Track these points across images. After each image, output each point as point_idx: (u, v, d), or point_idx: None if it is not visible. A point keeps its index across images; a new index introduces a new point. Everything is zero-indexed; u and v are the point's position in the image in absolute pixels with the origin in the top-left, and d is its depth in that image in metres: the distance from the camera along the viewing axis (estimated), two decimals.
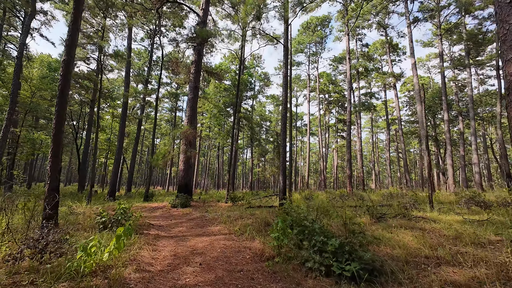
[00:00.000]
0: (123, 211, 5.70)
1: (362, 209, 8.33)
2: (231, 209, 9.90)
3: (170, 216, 8.94)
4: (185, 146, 11.84)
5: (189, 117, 12.92)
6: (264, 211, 8.52)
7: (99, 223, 5.43)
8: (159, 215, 9.35)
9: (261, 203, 11.36)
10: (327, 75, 36.36)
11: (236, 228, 6.04)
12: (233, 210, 9.42)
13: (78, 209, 9.69)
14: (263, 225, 6.32)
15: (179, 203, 10.86)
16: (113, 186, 16.55)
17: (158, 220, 7.97)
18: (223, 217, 7.49)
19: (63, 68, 5.45)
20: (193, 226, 6.75)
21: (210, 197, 19.64)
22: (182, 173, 12.46)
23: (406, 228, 5.67)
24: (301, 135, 48.20)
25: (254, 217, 7.48)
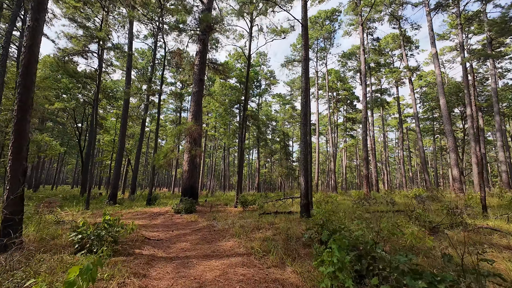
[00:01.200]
0: (107, 224, 4.28)
1: (402, 216, 6.78)
2: (242, 215, 8.44)
3: (173, 225, 7.52)
4: (189, 144, 10.46)
5: (193, 113, 11.54)
6: (283, 219, 7.04)
7: (74, 241, 4.02)
8: (160, 223, 7.94)
9: (276, 208, 9.87)
10: (335, 72, 34.73)
11: (254, 244, 4.57)
12: (246, 217, 7.96)
13: (68, 217, 8.37)
14: (288, 240, 4.84)
15: (183, 209, 9.45)
16: (114, 189, 15.27)
17: (157, 231, 6.55)
18: (236, 228, 6.03)
19: (28, 36, 4.10)
20: (199, 241, 5.30)
21: (217, 200, 18.22)
22: (186, 175, 11.07)
23: (480, 245, 4.13)
24: None
25: (273, 227, 6.00)
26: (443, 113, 16.12)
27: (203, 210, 10.31)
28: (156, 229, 6.84)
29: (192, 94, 11.84)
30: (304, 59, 7.90)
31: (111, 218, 4.48)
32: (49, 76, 24.42)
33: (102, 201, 15.17)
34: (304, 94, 7.66)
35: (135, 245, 4.67)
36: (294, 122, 45.61)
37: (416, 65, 23.89)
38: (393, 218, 6.49)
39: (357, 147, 47.99)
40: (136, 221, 8.46)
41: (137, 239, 5.05)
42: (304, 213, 7.04)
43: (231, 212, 9.51)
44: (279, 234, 5.43)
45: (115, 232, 4.33)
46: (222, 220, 7.59)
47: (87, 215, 11.19)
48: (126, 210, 11.16)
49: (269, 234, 5.42)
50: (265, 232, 5.64)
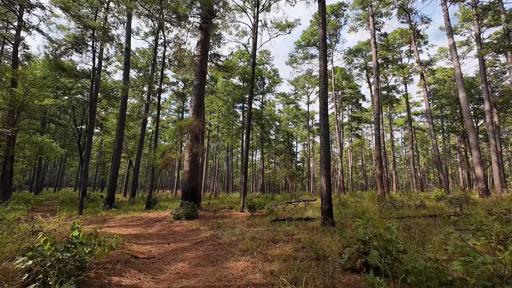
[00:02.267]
0: (70, 244, 3.07)
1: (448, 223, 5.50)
2: (251, 222, 7.20)
3: (170, 235, 6.30)
4: (190, 141, 9.27)
5: (194, 108, 10.36)
6: (301, 228, 5.79)
7: (21, 270, 2.82)
8: (156, 232, 6.73)
9: (289, 213, 8.61)
10: (340, 70, 33.49)
11: (274, 267, 3.34)
12: (255, 225, 6.73)
13: (51, 225, 7.20)
14: (318, 259, 3.60)
15: (183, 214, 8.24)
16: (111, 191, 14.12)
17: (150, 244, 5.34)
18: (246, 241, 4.79)
19: None
20: (200, 260, 4.07)
21: (220, 202, 17.00)
22: (187, 176, 9.86)
23: None
24: (312, 135, 45.20)
25: (293, 240, 4.76)
26: (464, 108, 14.78)
27: (206, 215, 9.09)
28: (150, 241, 5.62)
29: (193, 88, 10.67)
30: (322, 39, 6.68)
31: (81, 234, 3.27)
32: (48, 76, 23.46)
33: (99, 205, 14.03)
34: (323, 80, 6.44)
35: (114, 269, 3.45)
36: (298, 122, 44.37)
37: (428, 59, 22.51)
38: (439, 226, 5.21)
39: (362, 147, 46.57)
40: (129, 229, 7.28)
41: (120, 259, 3.83)
42: (326, 220, 5.79)
43: (238, 218, 8.27)
44: (301, 249, 4.19)
45: (85, 253, 3.12)
46: (228, 228, 6.36)
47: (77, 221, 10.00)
48: (121, 215, 9.98)
49: (289, 249, 4.18)
50: (283, 246, 4.40)
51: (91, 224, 8.52)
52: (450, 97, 26.20)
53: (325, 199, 5.90)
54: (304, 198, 15.62)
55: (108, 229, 7.29)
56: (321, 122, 6.24)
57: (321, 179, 6.03)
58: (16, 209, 15.47)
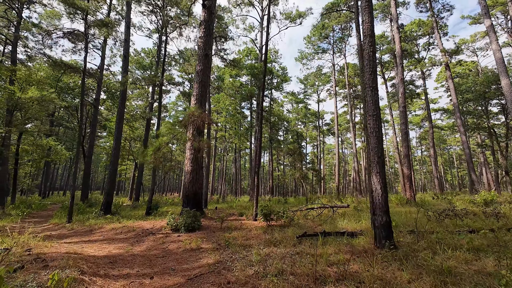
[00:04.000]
0: None
1: None
2: (270, 238, 5.32)
3: (159, 258, 4.48)
4: (192, 135, 7.50)
5: (197, 96, 8.62)
6: (346, 251, 3.86)
7: None
8: (142, 252, 4.92)
9: (312, 221, 6.67)
10: (352, 66, 31.35)
11: None
12: (277, 243, 4.83)
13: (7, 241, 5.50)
14: None
15: (183, 225, 6.42)
16: (108, 196, 12.49)
17: (125, 278, 3.52)
18: (271, 278, 2.93)
19: None
20: None
21: (229, 207, 15.15)
22: (189, 177, 8.07)
23: None
24: (322, 135, 42.96)
25: (350, 278, 2.85)
26: (507, 97, 12.51)
27: (211, 225, 7.23)
28: (127, 270, 3.81)
29: (196, 74, 8.93)
30: None
31: None
32: (50, 76, 22.39)
33: (93, 211, 12.41)
34: (369, 41, 4.54)
35: None
36: (308, 122, 42.27)
37: (454, 47, 20.11)
38: None
39: None
40: (111, 246, 5.51)
41: None
42: (384, 240, 3.85)
43: (251, 230, 6.39)
44: None
45: None
46: (240, 249, 4.49)
47: (58, 231, 8.34)
48: (112, 225, 8.26)
49: None
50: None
51: (69, 238, 6.81)
52: (475, 91, 23.70)
53: (380, 208, 3.97)
54: (324, 202, 13.60)
55: (85, 246, 5.56)
56: (370, 99, 4.35)
57: (371, 179, 4.12)
58: (8, 214, 14.09)
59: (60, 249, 5.09)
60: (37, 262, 3.93)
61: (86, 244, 5.75)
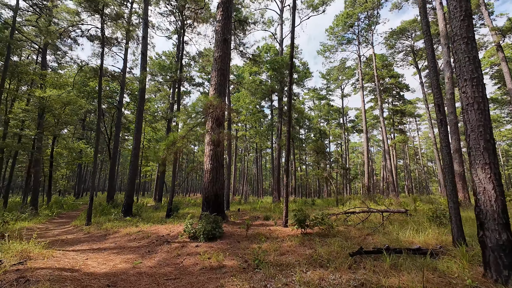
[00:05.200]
0: None
1: None
2: (312, 253, 4.02)
3: (172, 279, 3.40)
4: (210, 128, 6.45)
5: (216, 85, 7.57)
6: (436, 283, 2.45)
7: None
8: (151, 269, 3.89)
9: (364, 233, 5.24)
10: (379, 57, 28.81)
11: None
12: (323, 262, 3.52)
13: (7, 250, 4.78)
14: None
15: (202, 232, 5.35)
16: (129, 197, 11.96)
17: None
18: None
19: None
20: None
21: (252, 209, 14.00)
22: (208, 176, 7.02)
23: None
24: (347, 133, 40.36)
25: None
26: None
27: (234, 232, 6.09)
28: None
29: (214, 61, 7.90)
30: None
31: None
32: (78, 81, 23.04)
33: (112, 213, 11.94)
34: None
35: None
36: (331, 120, 39.96)
37: (509, 24, 16.99)
38: None
39: (406, 144, 40.40)
40: (119, 258, 4.57)
41: None
42: (507, 269, 2.40)
43: (284, 240, 5.13)
44: None
45: None
46: (275, 272, 3.26)
47: (74, 235, 7.70)
48: (127, 229, 7.48)
49: None
50: None
51: (80, 244, 6.07)
52: None
53: (495, 218, 2.52)
54: (357, 204, 11.92)
55: (91, 256, 4.69)
56: (464, 56, 2.90)
57: (474, 173, 2.68)
58: (37, 215, 14.24)
59: (59, 261, 4.25)
60: (18, 284, 3.04)
61: (93, 254, 4.89)
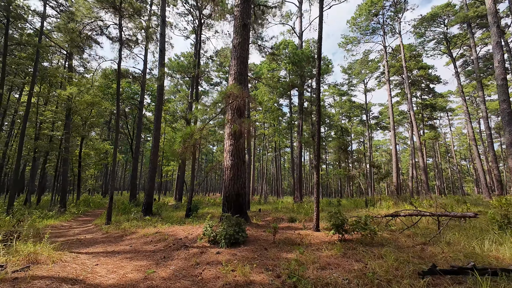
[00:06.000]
0: None
1: None
2: (362, 268, 3.13)
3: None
4: (231, 117, 5.74)
5: (235, 75, 6.87)
6: None
7: None
8: (166, 282, 3.22)
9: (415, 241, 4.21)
10: (407, 47, 26.61)
11: None
12: (381, 283, 2.63)
13: None
14: None
15: (223, 236, 4.64)
16: (149, 197, 11.69)
17: None
18: None
19: None
20: None
21: (274, 209, 13.18)
22: (228, 174, 6.33)
23: None
24: (370, 130, 38.07)
25: None
26: None
27: (259, 237, 5.32)
28: None
29: (233, 48, 7.22)
30: None
31: None
32: (102, 84, 23.75)
33: (134, 211, 11.74)
34: None
35: None
36: (353, 116, 37.92)
37: None
38: None
39: (437, 141, 37.24)
40: (131, 264, 3.99)
41: None
42: None
43: (320, 249, 4.26)
44: None
45: None
46: None
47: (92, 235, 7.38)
48: (144, 230, 7.02)
49: None
50: None
51: (95, 245, 5.65)
52: None
53: None
54: (389, 205, 10.63)
55: (102, 261, 4.17)
56: None
57: None
58: (63, 213, 14.54)
59: (66, 267, 3.75)
60: None
61: (104, 259, 4.37)
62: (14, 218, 10.57)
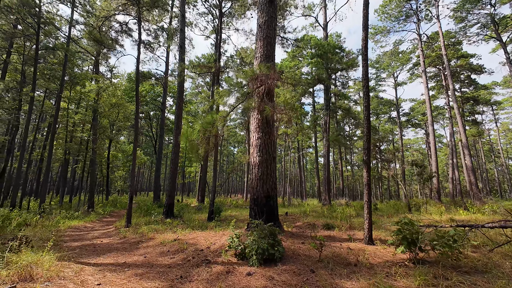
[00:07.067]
0: None
1: None
2: None
3: None
4: (260, 100, 4.70)
5: (261, 58, 5.84)
6: None
7: None
8: None
9: None
10: (445, 34, 23.79)
11: None
12: None
13: None
14: None
15: (255, 251, 3.58)
16: (170, 198, 11.07)
17: None
18: None
19: None
20: None
21: (302, 213, 11.90)
22: (256, 172, 5.28)
23: None
24: (400, 128, 34.95)
25: None
26: None
27: (298, 251, 4.18)
28: None
29: (258, 29, 6.21)
30: None
31: None
32: (127, 88, 24.21)
33: (158, 213, 11.17)
34: None
35: None
36: (381, 113, 35.16)
37: None
38: None
39: (480, 138, 33.14)
40: (143, 283, 3.08)
41: None
42: None
43: (389, 273, 3.02)
44: None
45: None
46: None
47: (110, 239, 6.71)
48: (163, 236, 6.21)
49: None
50: None
51: (107, 253, 4.90)
52: None
53: None
54: (441, 210, 8.88)
55: (108, 277, 3.34)
56: None
57: None
58: (90, 213, 14.55)
59: (66, 284, 2.95)
60: None
61: (111, 274, 3.53)
62: (43, 218, 10.55)
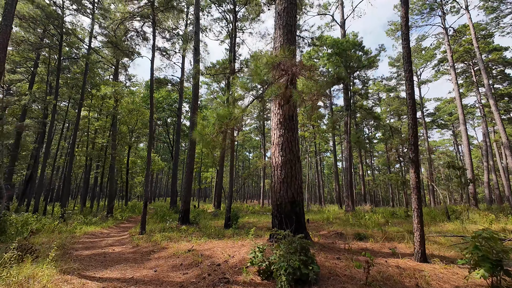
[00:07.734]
0: None
1: None
2: None
3: None
4: (281, 98, 4.06)
5: (282, 44, 5.24)
6: None
7: None
8: None
9: None
10: (475, 26, 21.93)
11: None
12: None
13: None
14: None
15: (284, 270, 2.87)
16: (186, 203, 10.61)
17: None
18: None
19: None
20: None
21: (324, 220, 10.94)
22: (279, 174, 4.60)
23: None
24: (425, 129, 32.65)
25: None
26: None
27: (335, 269, 3.40)
28: None
29: (277, 16, 5.63)
30: None
31: None
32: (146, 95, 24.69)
33: (173, 220, 10.73)
34: None
35: None
36: (403, 115, 33.10)
37: None
38: None
39: None
40: None
41: None
42: None
43: None
44: None
45: None
46: None
47: (122, 247, 6.23)
48: (177, 246, 5.65)
49: None
50: None
51: (116, 265, 4.40)
52: None
53: None
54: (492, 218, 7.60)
55: None
56: None
57: None
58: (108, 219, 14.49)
59: None
60: None
61: None
62: (61, 224, 10.50)
